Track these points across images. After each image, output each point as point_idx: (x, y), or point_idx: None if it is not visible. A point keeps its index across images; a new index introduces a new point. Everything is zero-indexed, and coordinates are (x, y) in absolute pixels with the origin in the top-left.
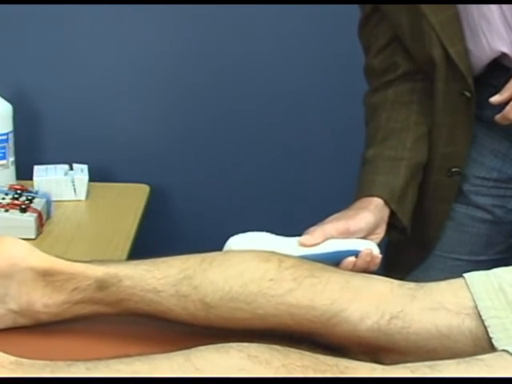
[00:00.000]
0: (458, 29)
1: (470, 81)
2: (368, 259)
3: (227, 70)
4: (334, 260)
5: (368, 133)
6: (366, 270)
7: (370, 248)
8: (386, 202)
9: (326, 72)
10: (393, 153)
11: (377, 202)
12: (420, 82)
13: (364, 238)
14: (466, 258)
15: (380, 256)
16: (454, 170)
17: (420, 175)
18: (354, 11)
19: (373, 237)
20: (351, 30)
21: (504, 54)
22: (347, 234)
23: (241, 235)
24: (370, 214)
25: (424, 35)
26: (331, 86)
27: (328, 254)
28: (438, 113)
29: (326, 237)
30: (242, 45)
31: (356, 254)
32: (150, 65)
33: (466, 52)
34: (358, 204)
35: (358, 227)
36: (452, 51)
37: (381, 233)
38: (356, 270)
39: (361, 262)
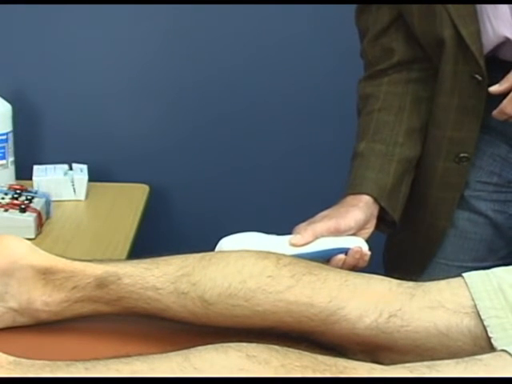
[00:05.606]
0: (471, 10)
1: (482, 64)
2: (357, 256)
3: (227, 69)
4: (324, 258)
5: (360, 124)
6: (354, 268)
7: (360, 245)
8: (376, 200)
9: (327, 73)
10: (384, 148)
11: (366, 199)
12: (416, 72)
13: (354, 234)
14: (470, 264)
15: (369, 253)
16: (462, 155)
17: (413, 169)
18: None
19: (362, 232)
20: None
21: (508, 40)
22: (337, 233)
23: (231, 236)
24: (360, 211)
25: (435, 14)
26: (330, 88)
27: (318, 252)
28: (443, 95)
29: (317, 236)
30: (242, 44)
31: (345, 251)
32: (150, 64)
33: (478, 34)
34: (348, 201)
35: (348, 226)
36: (464, 32)
37: (370, 227)
38: (345, 267)
39: (350, 259)
